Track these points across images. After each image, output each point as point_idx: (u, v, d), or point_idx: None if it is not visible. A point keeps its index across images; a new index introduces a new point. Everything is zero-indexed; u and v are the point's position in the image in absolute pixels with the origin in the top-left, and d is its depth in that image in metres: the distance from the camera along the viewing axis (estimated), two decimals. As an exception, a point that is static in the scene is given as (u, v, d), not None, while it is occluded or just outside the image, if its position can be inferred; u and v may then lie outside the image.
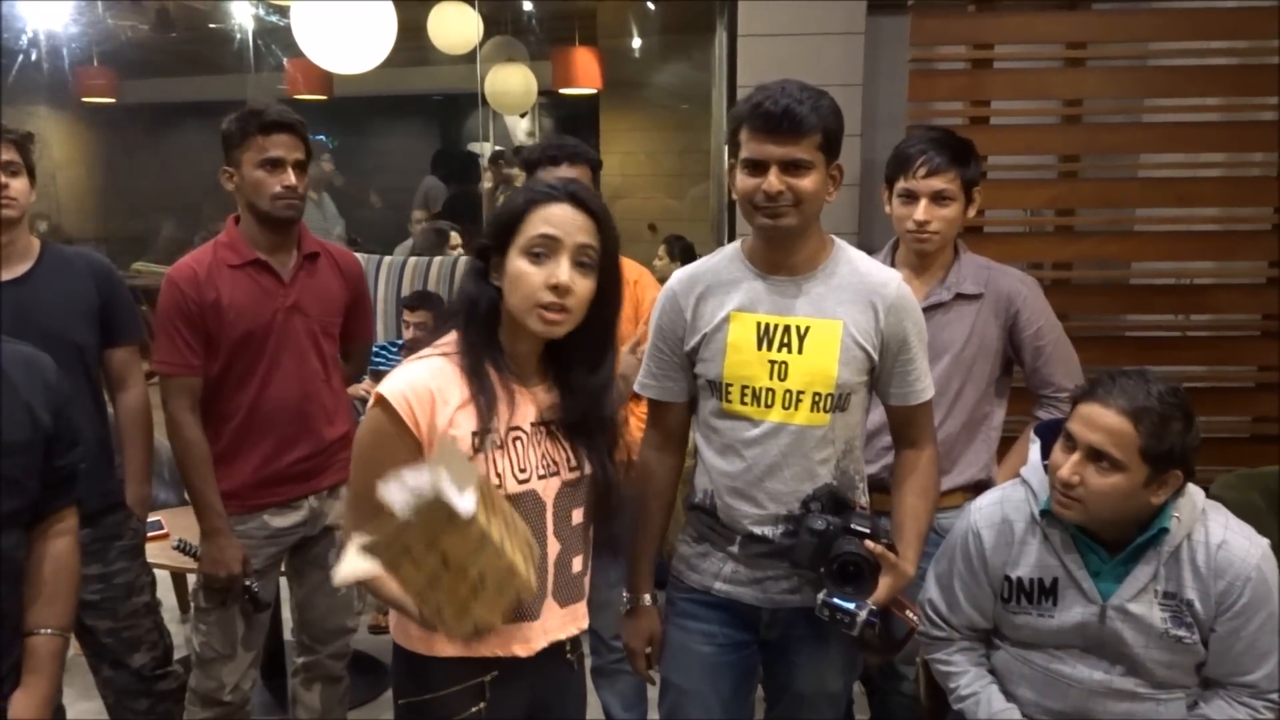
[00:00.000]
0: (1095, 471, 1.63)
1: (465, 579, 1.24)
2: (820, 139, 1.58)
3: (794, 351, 1.66)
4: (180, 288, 2.16)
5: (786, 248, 1.67)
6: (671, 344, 1.77)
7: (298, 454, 2.28)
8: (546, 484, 1.49)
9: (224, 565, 2.21)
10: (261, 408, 2.22)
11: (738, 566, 1.76)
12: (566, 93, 6.10)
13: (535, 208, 1.41)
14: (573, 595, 1.56)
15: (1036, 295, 2.16)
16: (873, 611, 1.60)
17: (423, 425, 1.40)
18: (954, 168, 2.06)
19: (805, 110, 1.55)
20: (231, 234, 2.25)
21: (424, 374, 1.43)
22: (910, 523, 1.72)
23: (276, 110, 2.18)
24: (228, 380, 2.22)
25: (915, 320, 1.70)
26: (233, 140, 2.17)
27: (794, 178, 1.59)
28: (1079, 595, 1.74)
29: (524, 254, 1.40)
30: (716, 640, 1.80)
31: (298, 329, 2.25)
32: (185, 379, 2.19)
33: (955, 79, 2.85)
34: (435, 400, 1.40)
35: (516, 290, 1.41)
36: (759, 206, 1.62)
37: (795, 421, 1.67)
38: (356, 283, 2.43)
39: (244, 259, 2.21)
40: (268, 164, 2.16)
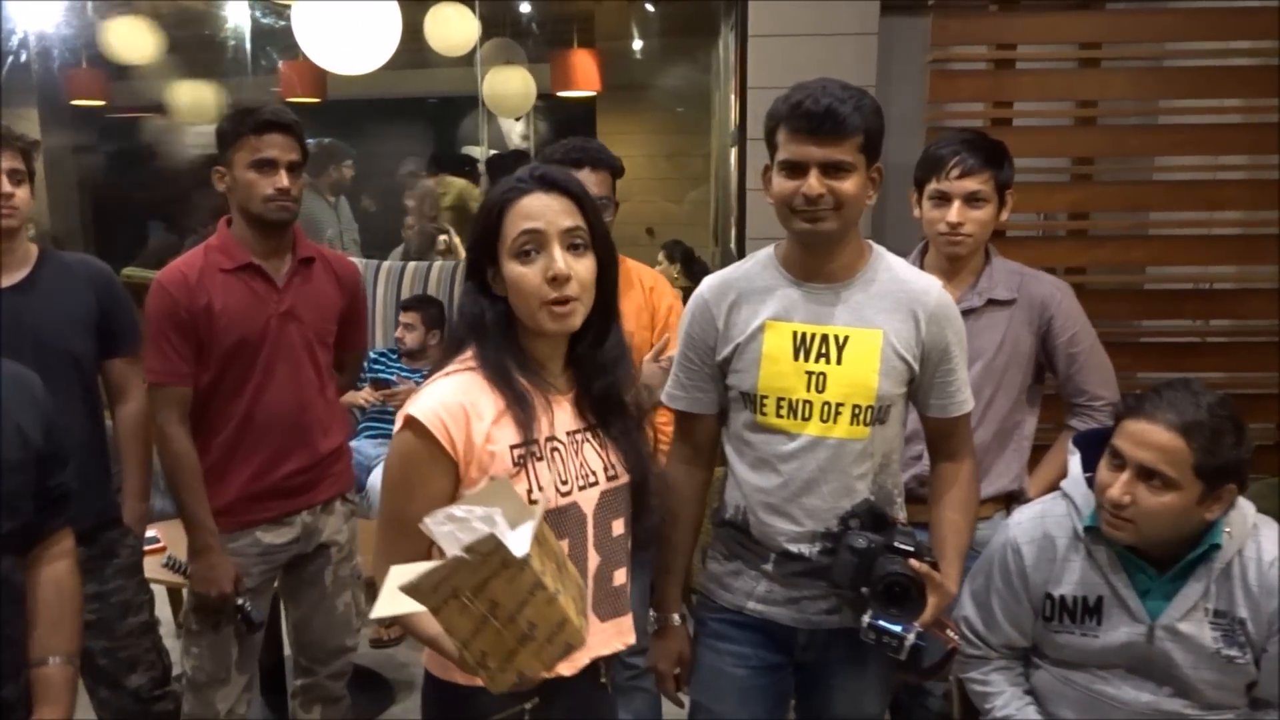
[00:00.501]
0: (1147, 491, 1.57)
1: (514, 627, 1.16)
2: (862, 140, 1.52)
3: (832, 362, 1.60)
4: (170, 293, 2.08)
5: (825, 254, 1.61)
6: (702, 354, 1.70)
7: (292, 467, 2.20)
8: (586, 495, 1.42)
9: (215, 584, 2.12)
10: (254, 419, 2.14)
11: (772, 585, 1.69)
12: (563, 95, 6.03)
13: (510, 206, 1.36)
14: (615, 609, 1.49)
15: (1070, 301, 2.11)
16: (920, 634, 1.53)
17: (459, 444, 1.33)
18: (988, 169, 2.01)
19: (848, 110, 1.49)
20: (223, 237, 2.16)
21: (453, 389, 1.36)
22: (952, 539, 1.66)
23: (271, 109, 2.10)
24: (219, 390, 2.14)
25: (957, 329, 1.63)
26: (226, 139, 2.10)
27: (835, 180, 1.52)
28: (1125, 614, 1.67)
29: (514, 257, 1.35)
30: (750, 662, 1.73)
31: (292, 336, 2.17)
32: (175, 388, 2.11)
33: (977, 80, 2.80)
34: (469, 416, 1.33)
35: (519, 295, 1.35)
36: (797, 210, 1.55)
37: (834, 435, 1.61)
38: (353, 289, 2.34)
39: (236, 263, 2.12)
40: (260, 165, 2.08)
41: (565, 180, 1.38)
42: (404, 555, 1.32)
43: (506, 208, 1.36)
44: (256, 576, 2.22)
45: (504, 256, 1.36)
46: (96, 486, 2.18)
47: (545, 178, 1.37)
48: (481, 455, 1.33)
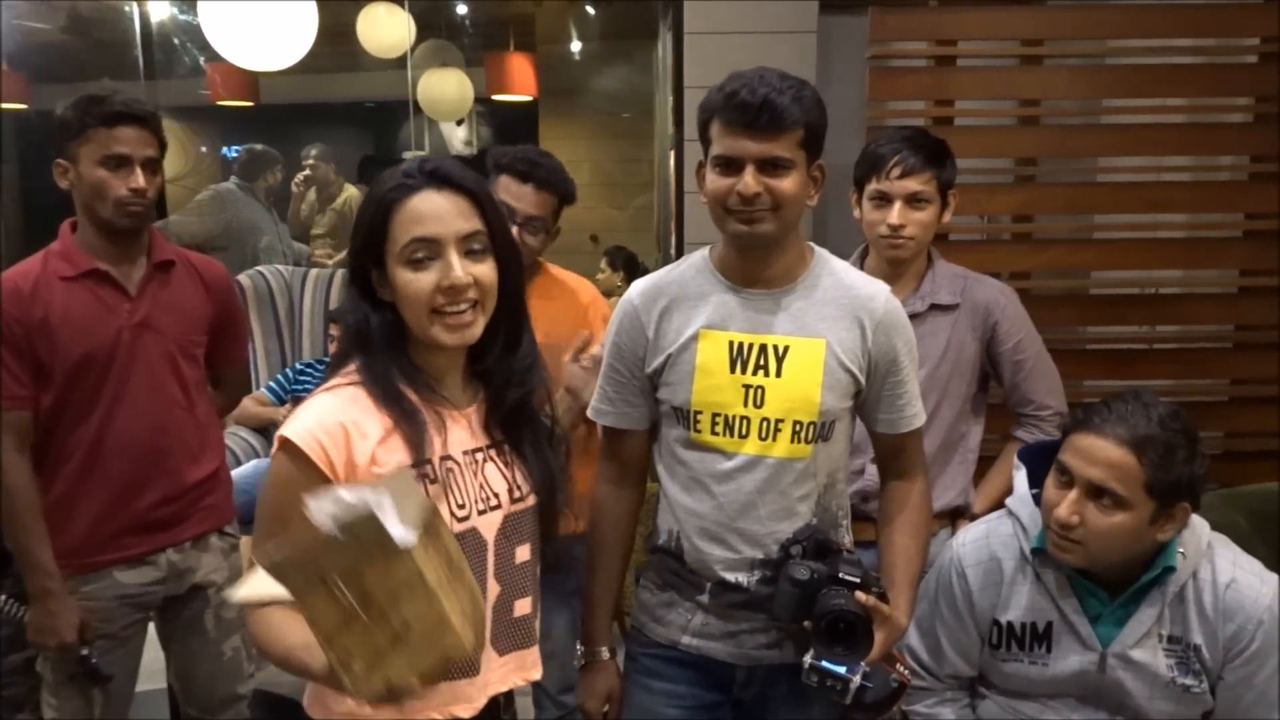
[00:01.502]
0: (1096, 510, 1.46)
1: (386, 625, 1.03)
2: (802, 134, 1.39)
3: (771, 375, 1.47)
4: (1, 306, 1.85)
5: (762, 258, 1.48)
6: (630, 365, 1.56)
7: (152, 498, 1.97)
8: (487, 520, 1.29)
9: (54, 633, 1.89)
10: (106, 444, 1.92)
11: (708, 618, 1.55)
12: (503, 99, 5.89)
13: (398, 206, 1.21)
14: (516, 642, 1.36)
15: (1015, 306, 2.02)
16: (866, 674, 1.39)
17: (339, 466, 1.19)
18: (930, 168, 1.91)
19: (786, 101, 1.36)
20: (66, 242, 1.93)
21: (333, 407, 1.22)
22: (902, 566, 1.53)
23: (123, 99, 1.87)
24: (65, 413, 1.91)
25: (906, 338, 1.51)
26: (69, 130, 1.86)
27: (772, 178, 1.40)
28: (1076, 642, 1.57)
29: (404, 264, 1.21)
30: (685, 702, 1.59)
31: (149, 349, 1.94)
32: (10, 413, 1.87)
33: (918, 77, 2.70)
34: (350, 435, 1.20)
35: (408, 305, 1.23)
36: (732, 210, 1.42)
37: (773, 454, 1.48)
38: (223, 295, 2.11)
39: (79, 270, 1.90)
40: (111, 161, 1.85)
41: (460, 176, 1.24)
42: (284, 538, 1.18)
43: (394, 208, 1.22)
44: (121, 623, 2.00)
45: (392, 261, 1.22)
46: None
47: (438, 173, 1.23)
48: (365, 478, 1.20)
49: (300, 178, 5.66)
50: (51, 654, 1.94)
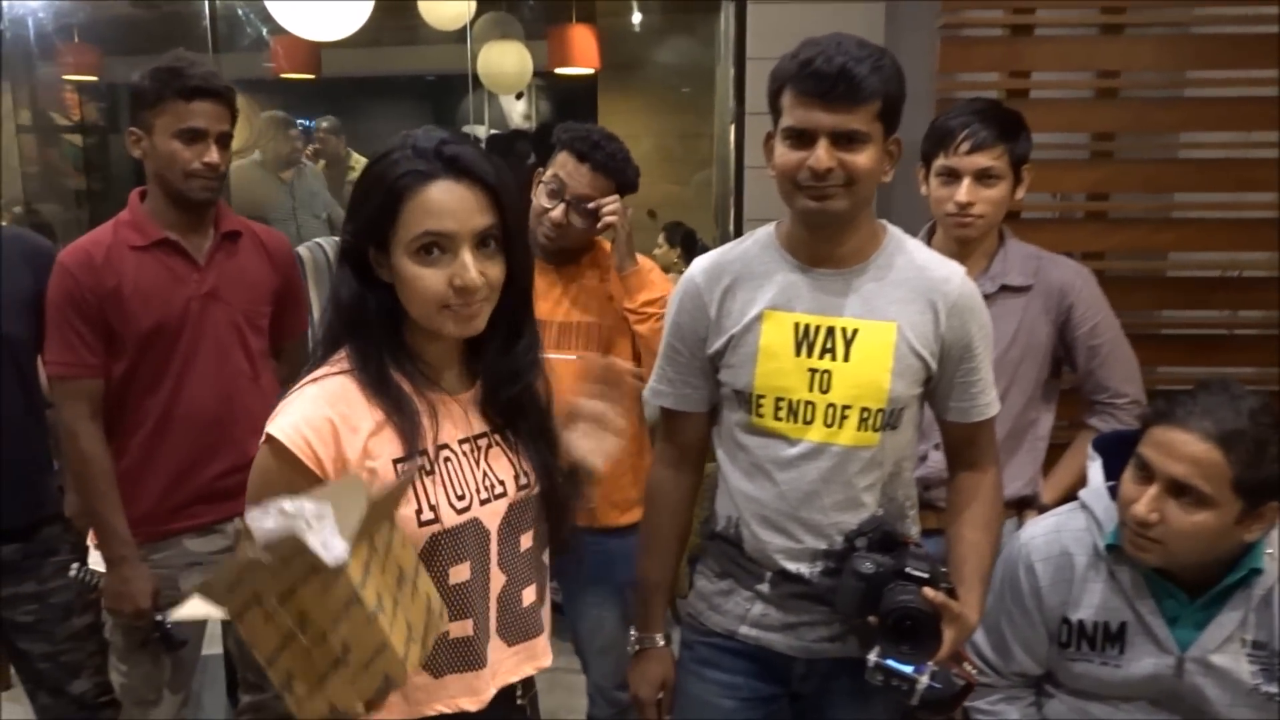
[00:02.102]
0: (1178, 508, 1.38)
1: (326, 647, 0.98)
2: (880, 106, 1.33)
3: (839, 359, 1.41)
4: (72, 274, 1.87)
5: (833, 236, 1.42)
6: (691, 345, 1.51)
7: (220, 468, 1.98)
8: (490, 509, 1.23)
9: (129, 599, 1.92)
10: (175, 414, 1.94)
11: (767, 608, 1.51)
12: (562, 73, 5.84)
13: (411, 193, 1.13)
14: (524, 632, 1.31)
15: (1092, 288, 1.93)
16: (935, 674, 1.33)
17: (327, 463, 1.13)
18: (1001, 143, 1.82)
19: (865, 71, 1.30)
20: (135, 211, 1.95)
21: (319, 399, 1.16)
22: (973, 561, 1.47)
23: (202, 72, 1.87)
24: (135, 382, 1.93)
25: (982, 323, 1.45)
26: (146, 99, 1.87)
27: (847, 152, 1.33)
28: (1152, 644, 1.49)
29: (412, 255, 1.14)
30: (740, 693, 1.55)
31: (217, 320, 1.96)
32: (82, 381, 1.90)
33: (992, 48, 2.59)
34: (338, 430, 1.14)
35: (414, 297, 1.16)
36: (802, 186, 1.36)
37: (839, 442, 1.42)
38: (287, 267, 2.12)
39: (149, 239, 1.92)
40: (187, 134, 1.86)
41: (481, 167, 1.15)
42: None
43: (407, 194, 1.13)
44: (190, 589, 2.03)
45: (398, 248, 1.15)
46: (34, 480, 2.03)
47: (457, 162, 1.14)
48: (358, 473, 1.15)
49: (309, 151, 5.58)
50: (125, 620, 1.97)
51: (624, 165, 2.03)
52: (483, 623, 1.24)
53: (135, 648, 2.00)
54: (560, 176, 1.99)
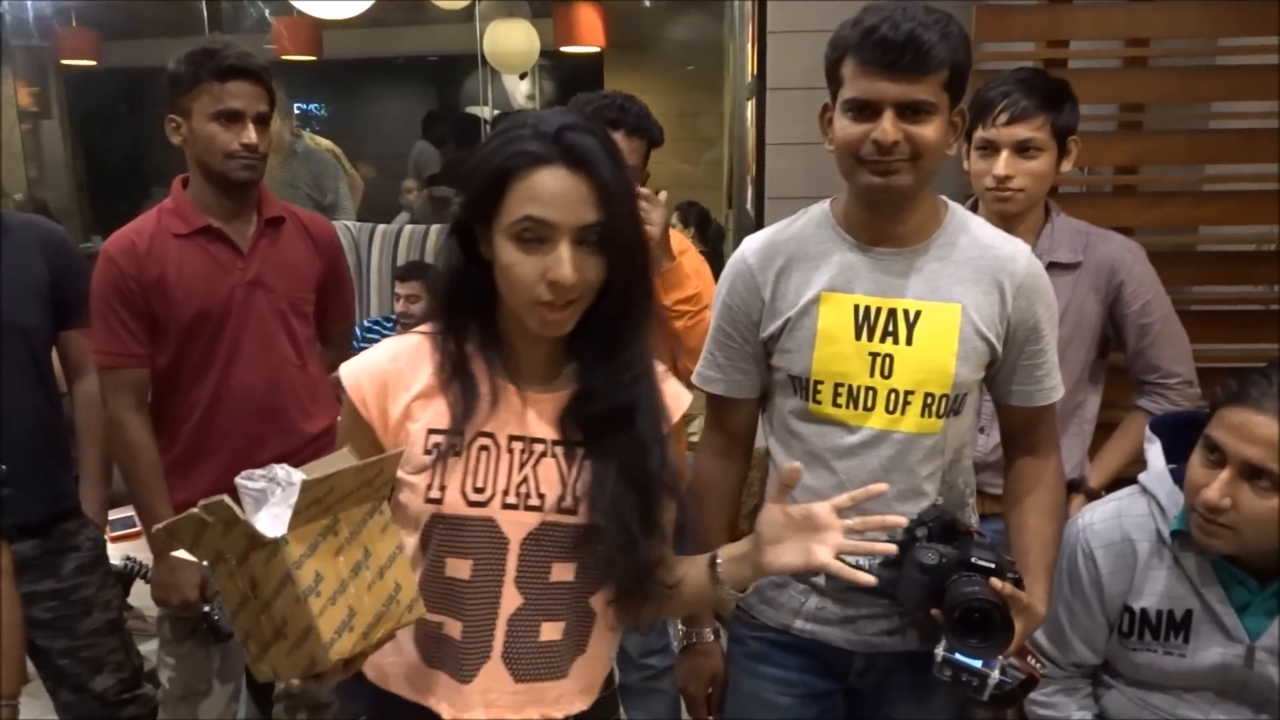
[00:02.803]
0: (1252, 492, 1.33)
1: (270, 616, 1.01)
2: (947, 75, 1.26)
3: (901, 342, 1.34)
4: (117, 263, 1.85)
5: (895, 213, 1.35)
6: (743, 329, 1.44)
7: (270, 454, 1.90)
8: (514, 516, 1.15)
9: (177, 591, 1.91)
10: (223, 402, 1.92)
11: (824, 602, 1.45)
12: (568, 51, 5.76)
13: (519, 175, 1.08)
14: (537, 671, 1.20)
15: (1143, 265, 1.87)
16: (1004, 669, 1.28)
17: (372, 409, 1.17)
18: (1042, 113, 1.76)
19: (934, 38, 1.22)
20: (178, 198, 1.93)
21: (388, 353, 1.21)
22: (1038, 550, 1.41)
23: (236, 52, 1.84)
24: (181, 372, 1.92)
25: (1048, 303, 1.38)
26: (182, 85, 1.84)
27: (913, 124, 1.26)
28: (1219, 633, 1.44)
29: (511, 239, 1.09)
30: (796, 690, 1.49)
31: (261, 307, 1.93)
32: (128, 371, 1.89)
33: (1030, 16, 2.51)
34: (390, 385, 1.17)
35: (507, 281, 1.11)
36: (866, 160, 1.28)
37: (901, 429, 1.36)
38: (331, 252, 2.10)
39: (193, 227, 1.89)
40: (224, 116, 1.84)
41: (597, 159, 1.08)
42: None
43: (515, 175, 1.08)
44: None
45: (499, 229, 1.10)
46: (51, 474, 1.99)
47: (573, 151, 1.07)
48: (397, 429, 1.17)
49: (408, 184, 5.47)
50: (172, 611, 1.96)
51: (652, 121, 2.00)
52: (479, 636, 1.17)
53: (184, 638, 1.99)
54: None
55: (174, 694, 2.03)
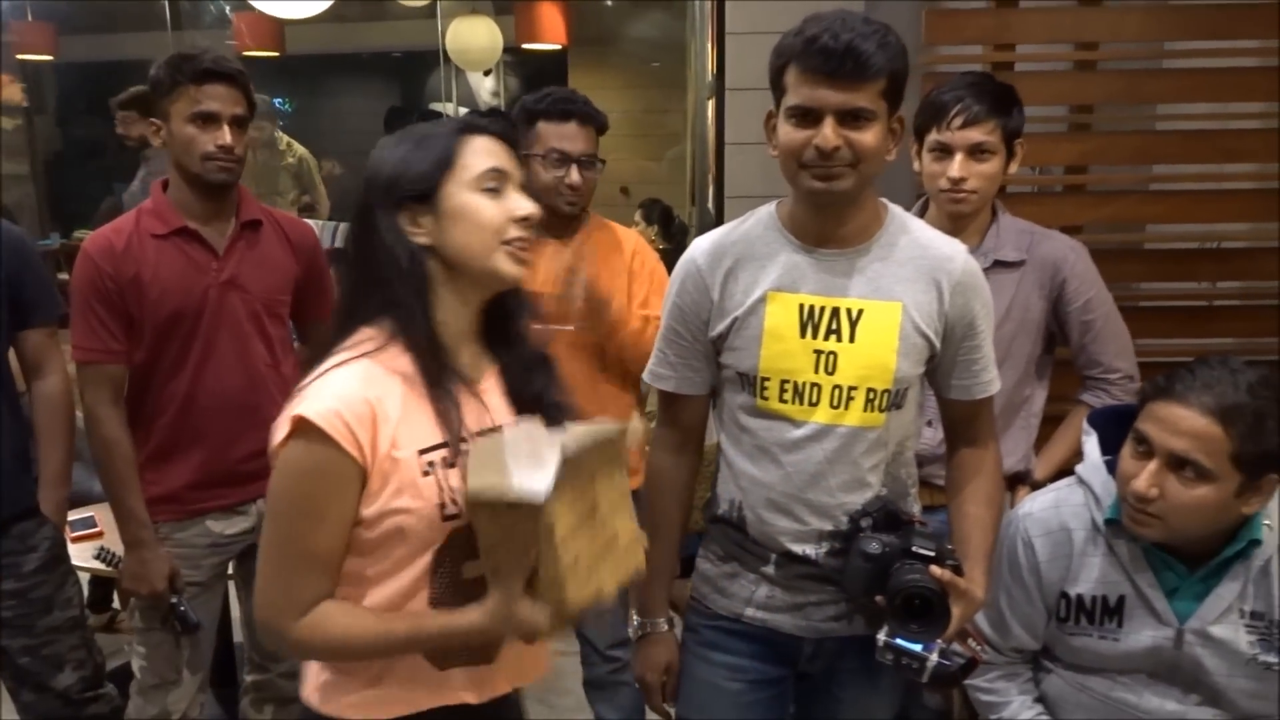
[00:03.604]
0: (1178, 482, 1.38)
1: (605, 532, 1.15)
2: (886, 83, 1.30)
3: (845, 339, 1.39)
4: (95, 261, 1.90)
5: (837, 216, 1.39)
6: (693, 328, 1.49)
7: (244, 451, 2.01)
8: None
9: (146, 581, 1.96)
10: (197, 400, 1.96)
11: (773, 590, 1.50)
12: (531, 49, 5.77)
13: (467, 138, 1.18)
14: None
15: (1085, 263, 1.93)
16: (944, 651, 1.33)
17: (365, 447, 1.11)
18: (994, 117, 1.81)
19: (872, 47, 1.27)
20: (158, 200, 1.97)
21: (354, 383, 1.13)
22: (977, 537, 1.46)
23: (212, 56, 1.88)
24: (157, 369, 1.96)
25: (984, 300, 1.43)
26: (161, 89, 1.88)
27: (853, 130, 1.31)
28: (1151, 616, 1.50)
29: (477, 191, 1.17)
30: (747, 675, 1.54)
31: (235, 308, 1.97)
32: (104, 366, 1.93)
33: (978, 18, 2.57)
34: (377, 417, 1.12)
35: (473, 229, 1.16)
36: (808, 165, 1.33)
37: (845, 423, 1.41)
38: (310, 254, 2.13)
39: (170, 228, 1.93)
40: (200, 118, 1.87)
41: (512, 134, 1.23)
42: (313, 595, 1.13)
43: (464, 139, 1.18)
44: (207, 569, 2.06)
45: (454, 187, 1.16)
46: (11, 474, 1.99)
47: (506, 130, 1.21)
48: (384, 463, 1.13)
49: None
50: (143, 601, 2.00)
51: (596, 109, 2.12)
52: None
53: (154, 628, 2.03)
54: (556, 146, 2.06)
55: (146, 682, 2.05)
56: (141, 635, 2.06)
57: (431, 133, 1.19)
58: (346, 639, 1.15)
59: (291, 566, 1.14)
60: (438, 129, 1.20)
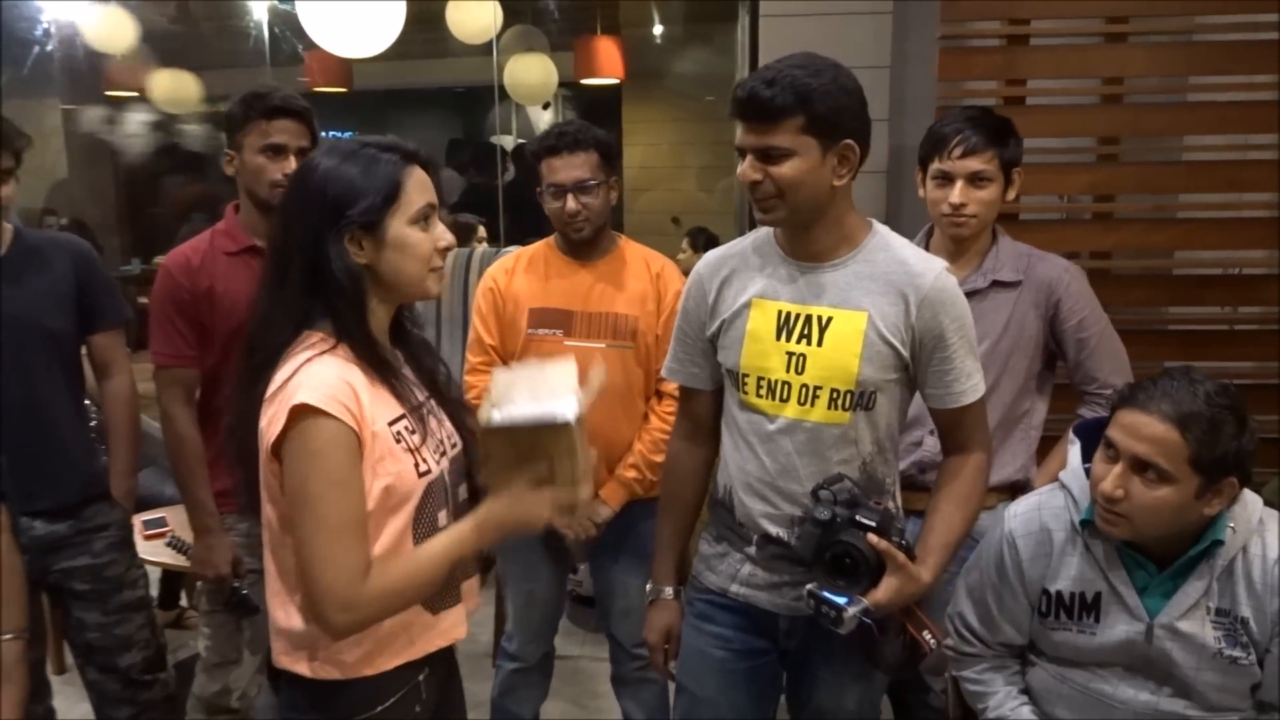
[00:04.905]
0: (1141, 484, 1.49)
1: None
2: (803, 121, 1.44)
3: (813, 343, 1.55)
4: (173, 275, 2.11)
5: (803, 235, 1.56)
6: (695, 329, 1.69)
7: None
8: (446, 461, 1.42)
9: (211, 566, 2.15)
10: None
11: (755, 569, 1.66)
12: (588, 83, 5.98)
13: (409, 174, 1.35)
14: (470, 569, 1.49)
15: (1080, 283, 2.03)
16: (867, 610, 1.46)
17: (359, 423, 1.28)
18: (991, 147, 1.94)
19: (774, 92, 1.43)
20: (230, 221, 2.18)
21: (332, 371, 1.28)
22: (940, 529, 1.58)
23: (281, 95, 2.09)
24: (225, 374, 2.12)
25: (955, 315, 1.55)
26: (235, 123, 2.10)
27: (773, 165, 1.47)
28: (1124, 612, 1.60)
29: (413, 224, 1.35)
30: (732, 645, 1.71)
31: None
32: (179, 370, 2.13)
33: (990, 56, 2.70)
34: (358, 396, 1.29)
35: (409, 259, 1.35)
36: (750, 197, 1.52)
37: (811, 419, 1.56)
38: None
39: (240, 246, 2.14)
40: (269, 150, 2.07)
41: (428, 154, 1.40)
42: (366, 556, 1.28)
43: (406, 175, 1.34)
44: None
45: (397, 220, 1.33)
46: (81, 461, 2.21)
47: (431, 157, 1.40)
48: (368, 436, 1.29)
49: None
50: (209, 585, 2.19)
51: (592, 133, 2.23)
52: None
53: (218, 610, 2.21)
54: (554, 181, 2.21)
55: (210, 660, 2.24)
56: (207, 617, 2.24)
57: (375, 158, 1.33)
58: (412, 579, 1.31)
59: (342, 538, 1.24)
60: (379, 154, 1.34)
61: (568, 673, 3.09)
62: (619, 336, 2.26)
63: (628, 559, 2.34)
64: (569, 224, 2.22)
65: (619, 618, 2.42)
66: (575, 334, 2.26)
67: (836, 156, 1.48)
